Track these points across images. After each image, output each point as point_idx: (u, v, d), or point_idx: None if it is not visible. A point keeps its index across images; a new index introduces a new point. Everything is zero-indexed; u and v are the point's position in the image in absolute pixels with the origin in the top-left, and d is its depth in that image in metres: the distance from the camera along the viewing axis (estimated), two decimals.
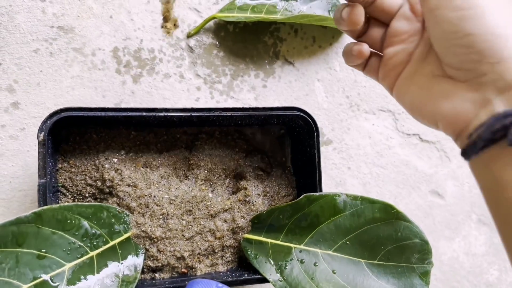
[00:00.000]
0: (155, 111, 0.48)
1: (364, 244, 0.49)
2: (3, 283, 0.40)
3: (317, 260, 0.50)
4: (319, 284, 0.48)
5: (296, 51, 0.64)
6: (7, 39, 0.54)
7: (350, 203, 0.50)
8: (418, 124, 0.68)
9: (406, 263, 0.48)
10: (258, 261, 0.50)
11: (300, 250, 0.50)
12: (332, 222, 0.50)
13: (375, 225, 0.49)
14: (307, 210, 0.50)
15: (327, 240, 0.50)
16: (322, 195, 0.50)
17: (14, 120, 0.53)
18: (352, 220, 0.50)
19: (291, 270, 0.49)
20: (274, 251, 0.50)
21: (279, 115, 0.53)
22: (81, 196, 0.50)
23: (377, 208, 0.49)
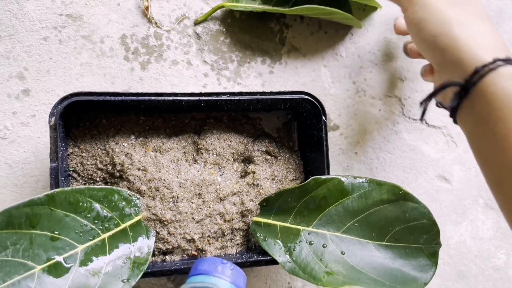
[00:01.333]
0: (163, 95, 0.49)
1: (372, 225, 0.50)
2: (18, 264, 0.41)
3: (325, 241, 0.50)
4: (328, 265, 0.49)
5: (302, 37, 0.64)
6: (17, 27, 0.55)
7: (358, 185, 0.50)
8: None
9: (414, 243, 0.49)
10: (267, 243, 0.50)
11: (308, 232, 0.51)
12: (340, 204, 0.50)
13: (383, 207, 0.50)
14: (315, 193, 0.51)
15: (335, 222, 0.50)
16: (330, 178, 0.51)
17: (25, 107, 0.54)
18: (360, 202, 0.50)
19: (300, 251, 0.50)
20: (283, 233, 0.51)
21: (286, 99, 0.53)
22: (92, 180, 0.51)
23: (385, 189, 0.50)
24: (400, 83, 0.67)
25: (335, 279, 0.47)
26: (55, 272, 0.42)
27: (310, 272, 0.48)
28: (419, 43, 0.45)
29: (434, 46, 0.43)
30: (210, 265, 0.44)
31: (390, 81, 0.67)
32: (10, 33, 0.54)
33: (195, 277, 0.43)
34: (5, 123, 0.53)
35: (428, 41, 0.43)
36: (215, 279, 0.42)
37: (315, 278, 0.48)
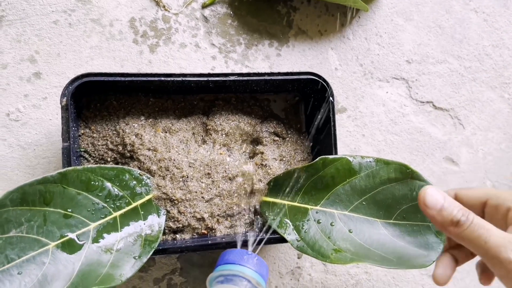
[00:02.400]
0: (173, 76, 0.50)
1: (380, 204, 0.50)
2: (33, 240, 0.42)
3: (333, 220, 0.50)
4: (336, 242, 0.49)
5: (310, 20, 0.65)
6: (28, 10, 0.55)
7: (365, 164, 0.50)
8: (431, 91, 0.68)
9: (422, 221, 0.49)
10: (276, 222, 0.51)
11: (316, 211, 0.51)
12: (347, 183, 0.51)
13: (390, 185, 0.50)
14: (323, 172, 0.51)
15: (343, 201, 0.51)
16: (338, 158, 0.51)
17: (36, 90, 0.55)
18: (368, 181, 0.50)
19: (308, 230, 0.50)
20: (291, 212, 0.51)
21: (294, 79, 0.54)
22: (103, 160, 0.52)
23: (392, 168, 0.50)
24: (407, 65, 0.67)
25: (343, 256, 0.48)
26: (69, 248, 0.43)
27: (318, 250, 0.49)
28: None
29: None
30: (236, 255, 0.47)
31: (397, 64, 0.67)
32: (21, 16, 0.55)
33: (222, 266, 0.46)
34: (17, 106, 0.54)
35: None
36: (241, 267, 0.45)
37: (323, 255, 0.48)
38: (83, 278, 0.42)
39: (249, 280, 0.45)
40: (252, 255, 0.47)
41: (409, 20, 0.68)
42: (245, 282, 0.44)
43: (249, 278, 0.45)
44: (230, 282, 0.44)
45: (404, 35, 0.68)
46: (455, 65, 0.69)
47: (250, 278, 0.45)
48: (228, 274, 0.45)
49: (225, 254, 0.47)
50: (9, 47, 0.55)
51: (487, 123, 0.70)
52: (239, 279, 0.44)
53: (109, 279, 0.43)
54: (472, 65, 0.70)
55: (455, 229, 0.40)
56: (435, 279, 0.47)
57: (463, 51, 0.70)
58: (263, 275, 0.46)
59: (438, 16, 0.69)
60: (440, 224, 0.41)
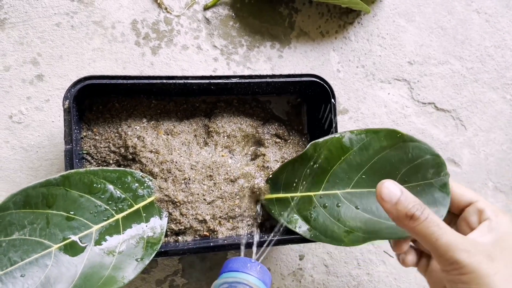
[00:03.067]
0: (175, 78, 0.50)
1: (379, 173, 0.50)
2: (35, 242, 0.42)
3: (338, 201, 0.50)
4: (346, 223, 0.49)
5: (311, 21, 0.65)
6: (30, 13, 0.55)
7: (356, 138, 0.50)
8: (433, 92, 0.68)
9: (423, 180, 0.49)
10: (284, 218, 0.51)
11: (320, 196, 0.51)
12: (343, 161, 0.50)
13: (384, 153, 0.49)
14: (317, 157, 0.51)
15: (343, 180, 0.51)
16: (328, 139, 0.50)
17: (38, 92, 0.55)
18: (362, 154, 0.50)
19: (316, 217, 0.50)
20: (296, 203, 0.51)
21: (296, 82, 0.54)
22: (105, 163, 0.52)
23: (382, 136, 0.49)
24: (409, 66, 0.67)
25: (356, 237, 0.48)
26: (71, 251, 0.43)
27: (331, 235, 0.49)
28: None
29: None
30: (240, 263, 0.47)
31: (399, 65, 0.67)
32: (24, 19, 0.55)
33: (226, 273, 0.47)
34: (20, 108, 0.55)
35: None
36: (244, 275, 0.46)
37: (337, 239, 0.49)
38: (86, 281, 0.42)
39: (252, 287, 0.45)
40: (255, 263, 0.47)
41: (411, 21, 0.68)
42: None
43: (253, 285, 0.45)
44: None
45: (406, 36, 0.68)
46: (457, 66, 0.69)
47: (253, 286, 0.45)
48: (232, 281, 0.46)
49: (229, 262, 0.48)
50: (11, 50, 0.55)
51: (489, 124, 0.70)
52: (243, 286, 0.45)
53: (112, 281, 0.43)
54: (474, 66, 0.70)
55: (409, 222, 0.40)
56: (403, 263, 0.51)
57: (465, 52, 0.70)
58: (266, 283, 0.47)
59: (440, 17, 0.69)
60: (396, 218, 0.42)
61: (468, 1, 0.70)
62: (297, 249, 0.63)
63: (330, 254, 0.63)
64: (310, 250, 0.63)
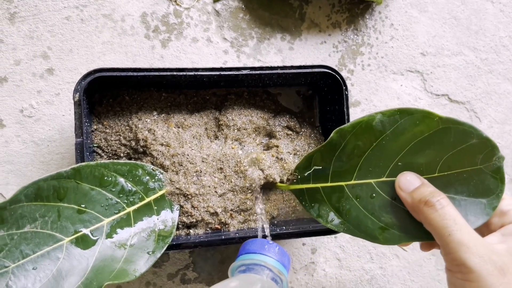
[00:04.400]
0: (185, 70, 0.49)
1: (417, 160, 0.45)
2: (47, 235, 0.42)
3: (372, 191, 0.46)
4: (381, 218, 0.45)
5: (322, 13, 0.64)
6: (40, 7, 0.55)
7: (388, 121, 0.45)
8: (447, 84, 0.67)
9: (471, 166, 0.44)
10: (314, 210, 0.48)
11: (352, 186, 0.47)
12: (375, 147, 0.45)
13: (422, 138, 0.44)
14: (344, 145, 0.46)
15: (377, 167, 0.46)
16: (354, 123, 0.46)
17: (49, 86, 0.55)
18: (396, 138, 0.45)
19: (349, 210, 0.47)
20: (327, 194, 0.48)
21: (307, 73, 0.53)
22: (116, 156, 0.52)
23: (418, 119, 0.44)
24: (422, 58, 0.66)
25: (392, 235, 0.45)
26: (83, 244, 0.43)
27: (365, 231, 0.46)
28: None
29: None
30: (258, 244, 0.46)
31: (412, 56, 0.66)
32: (34, 13, 0.55)
33: (244, 255, 0.46)
34: (30, 102, 0.55)
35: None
36: (262, 257, 0.45)
37: (371, 236, 0.45)
38: (97, 273, 0.42)
39: (270, 269, 0.44)
40: (273, 245, 0.46)
41: (424, 11, 0.67)
42: (267, 271, 0.44)
43: (271, 267, 0.44)
44: (252, 271, 0.44)
45: (419, 27, 0.67)
46: (471, 57, 0.68)
47: (271, 267, 0.44)
48: (249, 263, 0.45)
49: (246, 244, 0.47)
50: (22, 44, 0.55)
51: (504, 115, 0.69)
52: (261, 268, 0.44)
53: (123, 274, 0.43)
54: (489, 57, 0.69)
55: (424, 208, 0.39)
56: (423, 248, 0.47)
57: (479, 42, 0.69)
58: (285, 264, 0.46)
59: (453, 7, 0.68)
60: (411, 205, 0.40)
61: None
62: (309, 243, 0.62)
63: (343, 248, 0.63)
64: (323, 244, 0.62)
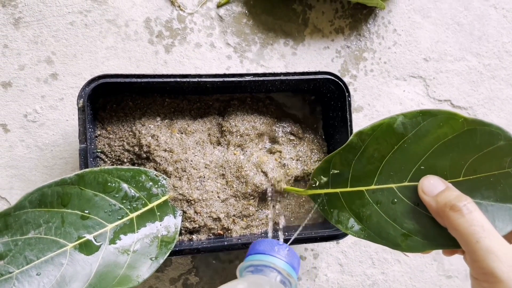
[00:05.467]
0: (188, 77, 0.50)
1: (441, 163, 0.43)
2: (51, 241, 0.42)
3: (394, 197, 0.44)
4: (403, 224, 0.43)
5: (325, 18, 0.64)
6: (44, 12, 0.56)
7: (410, 123, 0.43)
8: (450, 89, 0.67)
9: (498, 169, 0.41)
10: (333, 216, 0.47)
11: (372, 191, 0.45)
12: (397, 150, 0.44)
13: (446, 140, 0.42)
14: (364, 148, 0.45)
15: (398, 172, 0.44)
16: (374, 126, 0.44)
17: (53, 91, 0.55)
18: (419, 141, 0.43)
19: (369, 216, 0.45)
20: (346, 200, 0.46)
21: (310, 79, 0.53)
22: (119, 161, 0.52)
23: (442, 120, 0.42)
24: (424, 63, 0.67)
25: (415, 243, 0.43)
26: (86, 249, 0.43)
27: (386, 238, 0.44)
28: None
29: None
30: (267, 245, 0.45)
31: (415, 62, 0.66)
32: (38, 18, 0.55)
33: (252, 256, 0.45)
34: (34, 107, 0.55)
35: None
36: (271, 258, 0.44)
37: (394, 243, 0.44)
38: (101, 279, 0.42)
39: (279, 271, 0.43)
40: (283, 246, 0.45)
41: (427, 17, 0.67)
42: (275, 273, 0.43)
43: (280, 269, 0.43)
44: (260, 273, 0.43)
45: (422, 33, 0.67)
46: (474, 63, 0.68)
47: (280, 270, 0.43)
48: (258, 264, 0.44)
49: (255, 244, 0.46)
50: (26, 49, 0.55)
51: (506, 121, 0.69)
52: (270, 270, 0.43)
53: (127, 280, 0.43)
54: (491, 63, 0.69)
55: (449, 213, 0.36)
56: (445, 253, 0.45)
57: (482, 48, 0.69)
58: (295, 266, 0.45)
59: (457, 12, 0.68)
60: (435, 210, 0.38)
61: None
62: (311, 248, 0.62)
63: (345, 253, 0.63)
64: (325, 249, 0.62)
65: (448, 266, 0.66)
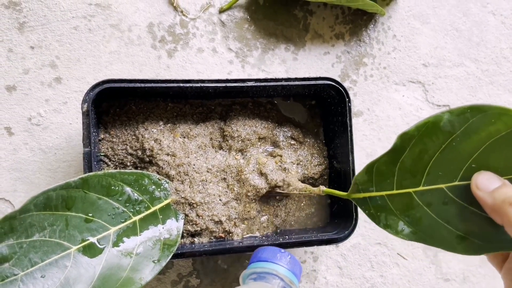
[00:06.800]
0: (191, 82, 0.50)
1: (494, 161, 0.40)
2: (55, 244, 0.43)
3: (445, 197, 0.42)
4: (458, 226, 0.41)
5: (326, 24, 0.65)
6: (49, 17, 0.56)
7: (457, 120, 0.40)
8: (448, 95, 0.68)
9: None
10: (381, 220, 0.45)
11: (421, 192, 0.43)
12: (444, 149, 0.41)
13: (499, 137, 0.39)
14: (409, 150, 0.42)
15: (447, 171, 0.41)
16: (419, 126, 0.41)
17: (57, 95, 0.56)
18: (468, 139, 0.40)
19: (420, 218, 0.43)
20: (394, 203, 0.45)
21: (311, 85, 0.54)
22: (122, 165, 0.53)
23: (493, 116, 0.39)
24: (424, 69, 0.67)
25: (472, 245, 0.41)
26: (90, 252, 0.44)
27: (440, 240, 0.42)
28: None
29: None
30: (269, 253, 0.46)
31: (414, 67, 0.67)
32: (42, 22, 0.56)
33: (255, 263, 0.46)
34: (38, 110, 0.55)
35: None
36: (274, 265, 0.45)
37: (449, 245, 0.41)
38: (104, 282, 0.43)
39: (282, 279, 0.44)
40: (285, 253, 0.46)
41: (426, 23, 0.68)
42: (278, 280, 0.44)
43: (282, 276, 0.44)
44: (263, 280, 0.44)
45: (421, 38, 0.67)
46: (472, 68, 0.69)
47: (283, 277, 0.44)
48: (261, 271, 0.45)
49: (258, 252, 0.47)
50: (30, 53, 0.56)
51: None
52: (272, 277, 0.44)
53: (129, 282, 0.44)
54: (490, 68, 0.70)
55: (509, 208, 0.33)
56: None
57: (480, 54, 0.70)
58: (296, 274, 0.46)
59: (455, 19, 0.69)
60: (491, 207, 0.35)
61: (483, 2, 0.70)
62: (311, 251, 0.63)
63: (344, 256, 0.64)
64: (324, 252, 0.63)
65: (446, 269, 0.66)
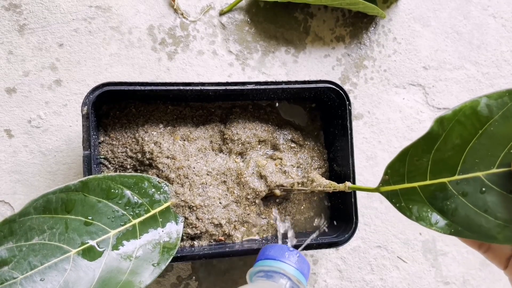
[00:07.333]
0: (191, 85, 0.50)
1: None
2: (55, 247, 0.43)
3: (482, 186, 0.40)
4: (497, 214, 0.39)
5: (326, 26, 0.65)
6: (49, 19, 0.56)
7: (496, 104, 0.39)
8: (449, 97, 0.68)
9: None
10: (413, 212, 0.43)
11: (456, 182, 0.41)
12: (482, 135, 0.39)
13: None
14: (445, 135, 0.41)
15: (485, 158, 0.40)
16: (456, 110, 0.40)
17: (57, 97, 0.56)
18: (507, 123, 0.39)
19: (455, 209, 0.41)
20: (426, 194, 0.42)
21: (311, 88, 0.54)
22: (122, 168, 0.53)
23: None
24: (424, 71, 0.67)
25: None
26: (89, 255, 0.44)
27: (478, 231, 0.40)
28: None
29: None
30: (277, 251, 0.45)
31: (414, 70, 0.67)
32: (43, 25, 0.56)
33: (262, 261, 0.45)
34: (38, 113, 0.55)
35: None
36: (281, 264, 0.44)
37: (488, 236, 0.39)
38: (104, 285, 0.43)
39: (289, 278, 0.43)
40: (293, 252, 0.45)
41: (427, 26, 0.68)
42: (285, 279, 0.43)
43: (290, 275, 0.43)
44: (270, 279, 0.43)
45: (421, 41, 0.67)
46: (473, 71, 0.69)
47: (290, 276, 0.43)
48: (268, 270, 0.44)
49: (265, 249, 0.46)
50: (31, 55, 0.56)
51: None
52: (280, 276, 0.43)
53: (129, 286, 0.44)
54: (490, 71, 0.70)
55: None
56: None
57: (481, 57, 0.69)
58: (304, 273, 0.45)
59: (456, 21, 0.69)
60: None
61: (484, 5, 0.70)
62: (311, 254, 0.63)
63: (344, 259, 0.63)
64: (324, 255, 0.63)
65: (446, 272, 0.66)
